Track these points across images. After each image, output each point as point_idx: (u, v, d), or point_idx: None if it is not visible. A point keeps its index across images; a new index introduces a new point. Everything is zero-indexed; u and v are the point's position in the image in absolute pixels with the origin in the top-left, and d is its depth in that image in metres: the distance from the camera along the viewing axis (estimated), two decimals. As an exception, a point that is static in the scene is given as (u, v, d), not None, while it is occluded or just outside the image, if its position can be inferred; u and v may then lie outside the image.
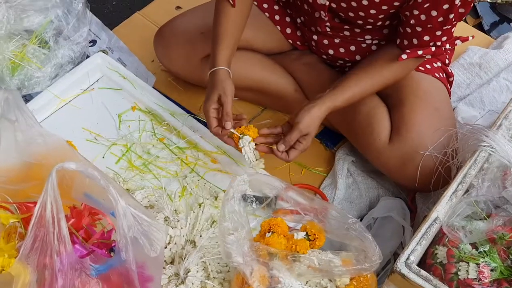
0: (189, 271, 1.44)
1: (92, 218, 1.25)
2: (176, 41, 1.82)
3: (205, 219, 1.60)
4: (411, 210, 1.70)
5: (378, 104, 1.69)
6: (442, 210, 1.39)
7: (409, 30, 1.51)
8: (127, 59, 2.04)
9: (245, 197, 1.59)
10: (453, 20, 1.45)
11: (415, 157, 1.59)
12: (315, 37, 1.74)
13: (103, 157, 1.73)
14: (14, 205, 1.24)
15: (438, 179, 1.55)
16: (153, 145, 1.76)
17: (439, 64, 1.74)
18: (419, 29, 1.48)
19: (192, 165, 1.73)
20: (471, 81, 2.01)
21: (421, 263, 1.37)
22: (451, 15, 1.44)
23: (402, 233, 1.63)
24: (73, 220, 1.23)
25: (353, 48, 1.71)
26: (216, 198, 1.65)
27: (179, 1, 2.24)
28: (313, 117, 1.52)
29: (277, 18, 1.80)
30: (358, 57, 1.72)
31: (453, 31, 1.52)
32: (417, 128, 1.60)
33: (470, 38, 1.58)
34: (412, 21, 1.48)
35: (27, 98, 1.82)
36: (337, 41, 1.72)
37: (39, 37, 1.84)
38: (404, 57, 1.53)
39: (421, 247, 1.34)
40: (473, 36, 1.59)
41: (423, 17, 1.45)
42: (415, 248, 1.33)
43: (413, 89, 1.66)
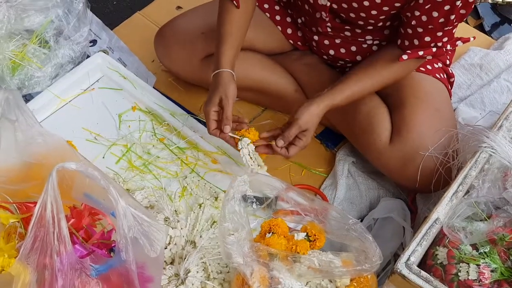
0: (189, 272, 1.44)
1: (92, 218, 1.25)
2: (176, 41, 1.82)
3: (205, 220, 1.60)
4: (412, 211, 1.70)
5: (379, 104, 1.69)
6: (443, 211, 1.39)
7: (410, 31, 1.51)
8: (127, 59, 2.04)
9: (245, 198, 1.59)
10: (454, 21, 1.45)
11: (415, 158, 1.59)
12: (316, 38, 1.74)
13: (103, 157, 1.73)
14: (14, 205, 1.24)
15: (438, 180, 1.55)
16: (153, 145, 1.76)
17: (440, 65, 1.74)
18: (420, 30, 1.48)
19: (192, 166, 1.73)
20: (471, 82, 2.01)
21: (422, 264, 1.37)
22: (452, 16, 1.43)
23: (402, 234, 1.63)
24: (73, 220, 1.23)
25: (354, 48, 1.71)
26: (216, 199, 1.65)
27: (180, 1, 2.24)
28: (311, 113, 1.52)
29: (278, 18, 1.80)
30: (359, 58, 1.72)
31: (454, 32, 1.52)
32: (417, 129, 1.60)
33: (472, 39, 1.57)
34: (413, 22, 1.48)
35: (27, 98, 1.82)
36: (338, 41, 1.72)
37: (39, 36, 1.84)
38: (405, 57, 1.53)
39: (421, 248, 1.34)
40: (474, 37, 1.59)
41: (424, 18, 1.45)
42: (415, 249, 1.33)
43: (413, 89, 1.66)
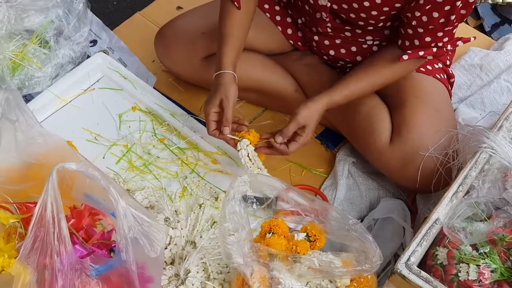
0: (189, 272, 1.44)
1: (93, 218, 1.25)
2: (177, 41, 1.82)
3: (205, 220, 1.60)
4: (412, 211, 1.70)
5: (379, 104, 1.69)
6: (443, 211, 1.39)
7: (411, 31, 1.51)
8: (127, 59, 2.04)
9: (245, 198, 1.59)
10: (455, 21, 1.45)
11: (415, 158, 1.59)
12: (316, 38, 1.74)
13: (103, 158, 1.73)
14: (14, 205, 1.24)
15: (438, 180, 1.55)
16: (154, 146, 1.76)
17: (440, 65, 1.74)
18: (420, 30, 1.48)
19: (192, 166, 1.73)
20: (472, 82, 2.01)
21: (422, 264, 1.37)
22: (453, 16, 1.43)
23: (402, 234, 1.63)
24: (73, 220, 1.23)
25: (354, 49, 1.71)
26: (217, 199, 1.65)
27: (180, 1, 2.24)
28: (310, 109, 1.53)
29: (278, 18, 1.80)
30: (359, 58, 1.72)
31: (454, 32, 1.52)
32: (418, 129, 1.60)
33: (472, 39, 1.57)
34: (414, 22, 1.48)
35: (28, 98, 1.82)
36: (338, 42, 1.72)
37: (39, 37, 1.84)
38: (405, 57, 1.53)
39: (421, 248, 1.34)
40: (475, 37, 1.59)
41: (424, 18, 1.45)
42: (415, 249, 1.33)
43: (414, 90, 1.66)
